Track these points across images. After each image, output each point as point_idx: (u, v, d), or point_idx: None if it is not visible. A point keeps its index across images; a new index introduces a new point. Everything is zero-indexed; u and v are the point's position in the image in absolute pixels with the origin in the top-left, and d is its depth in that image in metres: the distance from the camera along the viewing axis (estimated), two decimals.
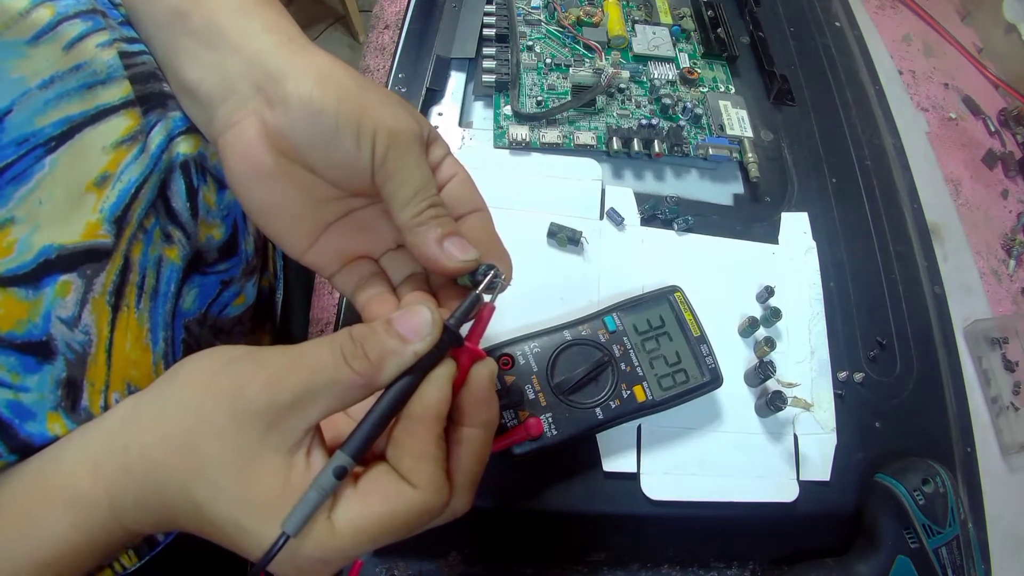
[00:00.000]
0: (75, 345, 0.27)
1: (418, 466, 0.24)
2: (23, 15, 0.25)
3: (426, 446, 0.24)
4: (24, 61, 0.25)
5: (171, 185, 0.32)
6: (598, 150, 0.50)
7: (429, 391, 0.25)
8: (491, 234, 0.31)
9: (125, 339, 0.30)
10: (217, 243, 0.37)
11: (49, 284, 0.26)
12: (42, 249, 0.26)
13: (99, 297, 0.28)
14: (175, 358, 0.34)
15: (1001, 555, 0.43)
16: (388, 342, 0.24)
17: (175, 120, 0.32)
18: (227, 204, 0.37)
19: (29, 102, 0.25)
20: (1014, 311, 0.55)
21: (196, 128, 0.33)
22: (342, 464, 0.23)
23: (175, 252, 0.33)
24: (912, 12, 0.72)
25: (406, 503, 0.23)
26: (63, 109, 0.27)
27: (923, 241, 0.53)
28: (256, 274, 0.43)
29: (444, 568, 0.39)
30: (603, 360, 0.38)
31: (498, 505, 0.38)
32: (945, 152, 0.62)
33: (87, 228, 0.27)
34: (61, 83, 0.27)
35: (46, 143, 0.26)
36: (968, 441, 0.46)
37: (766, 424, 0.42)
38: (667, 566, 0.41)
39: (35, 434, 0.26)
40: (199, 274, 0.36)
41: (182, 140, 0.33)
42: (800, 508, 0.40)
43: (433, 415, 0.25)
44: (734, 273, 0.46)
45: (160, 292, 0.32)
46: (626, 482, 0.39)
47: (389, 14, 0.57)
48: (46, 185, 0.26)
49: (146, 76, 0.31)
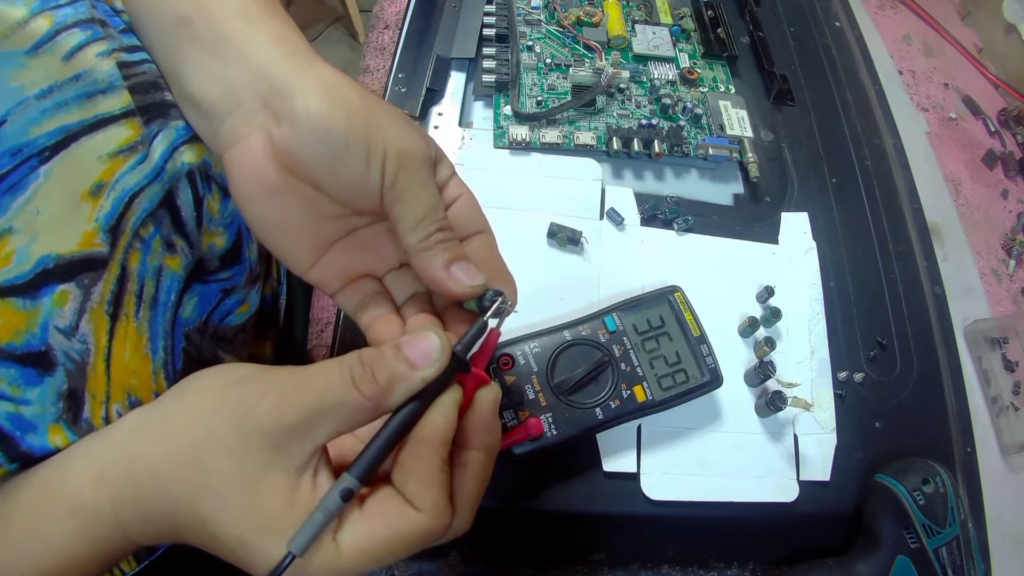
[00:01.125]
0: (74, 355, 0.27)
1: (423, 490, 0.24)
2: (21, 25, 0.25)
3: (431, 471, 0.24)
4: (23, 71, 0.25)
5: (179, 195, 0.32)
6: (598, 150, 0.50)
7: (436, 417, 0.25)
8: (496, 257, 0.31)
9: (124, 348, 0.30)
10: (219, 251, 0.37)
11: (47, 294, 0.26)
12: (40, 259, 0.26)
13: (97, 307, 0.28)
14: (175, 367, 0.34)
15: (1001, 555, 0.43)
16: (397, 367, 0.25)
17: (178, 129, 0.32)
18: (231, 212, 0.37)
19: (25, 112, 0.25)
20: (1014, 311, 0.55)
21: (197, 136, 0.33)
22: (348, 486, 0.23)
23: (177, 261, 0.33)
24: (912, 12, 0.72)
25: (411, 526, 0.24)
26: (60, 119, 0.27)
27: (923, 241, 0.53)
28: (260, 281, 0.43)
29: (444, 568, 0.39)
30: (603, 360, 0.38)
31: (498, 505, 0.38)
32: (945, 152, 0.62)
33: (84, 237, 0.27)
34: (60, 93, 0.27)
35: (40, 153, 0.26)
36: (968, 441, 0.46)
37: (766, 424, 0.42)
38: (667, 566, 0.41)
39: (36, 446, 0.26)
40: (199, 283, 0.36)
41: (186, 149, 0.33)
42: (800, 508, 0.40)
43: (439, 440, 0.25)
44: (734, 273, 0.46)
45: (160, 301, 0.32)
46: (626, 482, 0.39)
47: (389, 14, 0.57)
48: (42, 195, 0.26)
49: (147, 86, 0.31)
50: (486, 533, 0.39)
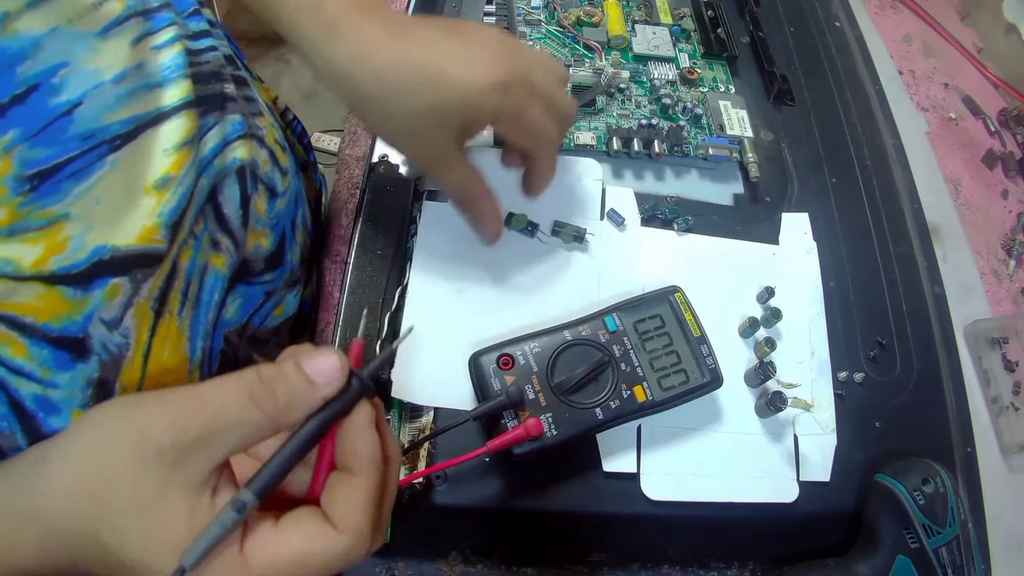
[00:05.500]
0: (111, 347, 0.27)
1: (347, 512, 0.24)
2: (95, 7, 0.25)
3: (356, 494, 0.24)
4: (95, 55, 0.25)
5: (223, 190, 0.32)
6: (598, 150, 0.50)
7: (357, 438, 0.25)
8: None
9: (164, 346, 0.29)
10: (265, 252, 0.37)
11: (100, 286, 0.26)
12: (95, 249, 0.25)
13: (143, 302, 0.28)
14: (211, 368, 0.33)
15: (1001, 555, 0.43)
16: (297, 384, 0.24)
17: (233, 123, 0.32)
18: (276, 213, 0.37)
19: (101, 96, 0.25)
20: (1014, 311, 0.55)
21: (251, 134, 0.33)
22: (243, 499, 0.23)
23: (222, 260, 0.33)
24: (912, 12, 0.72)
25: (326, 545, 0.23)
26: (132, 107, 0.26)
27: (923, 241, 0.53)
28: (299, 285, 0.42)
29: (444, 568, 0.39)
30: (603, 360, 0.38)
31: (498, 505, 0.38)
32: (945, 152, 0.62)
33: (143, 232, 0.27)
34: (132, 79, 0.26)
35: (111, 141, 0.25)
36: (968, 441, 0.46)
37: (766, 424, 0.42)
38: (667, 566, 0.41)
39: (57, 429, 0.26)
40: (244, 284, 0.36)
41: (239, 145, 0.32)
42: (800, 508, 0.40)
43: (366, 464, 0.25)
44: (734, 273, 0.46)
45: (203, 300, 0.32)
46: (626, 482, 0.39)
47: None
48: (105, 184, 0.25)
49: (208, 76, 0.31)
50: (486, 533, 0.39)
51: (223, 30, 0.37)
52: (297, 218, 0.42)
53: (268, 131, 0.39)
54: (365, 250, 0.43)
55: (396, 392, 0.38)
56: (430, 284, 0.42)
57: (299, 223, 0.43)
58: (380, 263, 0.42)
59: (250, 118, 0.36)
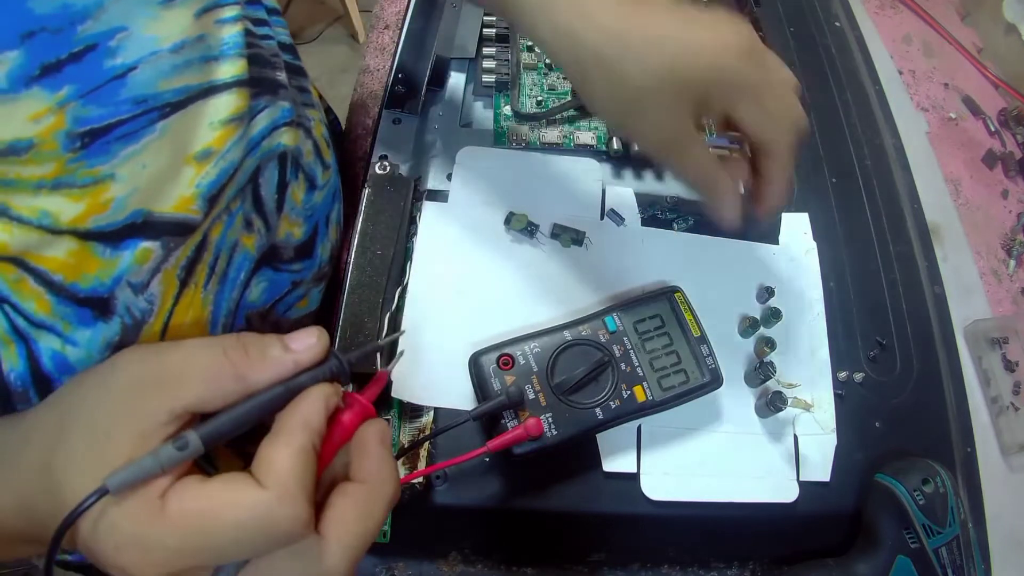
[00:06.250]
0: (135, 311, 0.27)
1: (271, 468, 0.23)
2: None
3: (283, 449, 0.23)
4: (155, 22, 0.25)
5: (263, 173, 0.32)
6: (598, 150, 0.50)
7: (300, 401, 0.25)
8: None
9: (185, 316, 0.30)
10: (296, 242, 0.37)
11: (130, 247, 0.26)
12: (133, 212, 0.26)
13: (171, 268, 0.28)
14: None
15: (1001, 555, 0.43)
16: (271, 346, 0.25)
17: (283, 110, 0.32)
18: (312, 205, 0.37)
19: (157, 63, 0.25)
20: (1014, 311, 0.55)
21: (299, 122, 0.33)
22: (186, 438, 0.23)
23: (251, 240, 0.33)
24: (912, 12, 0.72)
25: (246, 500, 0.22)
26: (185, 77, 0.26)
27: (923, 241, 0.53)
28: (325, 281, 0.42)
29: (444, 568, 0.39)
30: (603, 360, 0.38)
31: (498, 505, 0.38)
32: (945, 152, 0.62)
33: (179, 201, 0.27)
34: (189, 50, 0.26)
35: (162, 108, 0.26)
36: (968, 441, 0.46)
37: (766, 424, 0.42)
38: (667, 566, 0.41)
39: None
40: (272, 269, 0.36)
41: (286, 131, 0.33)
42: (800, 508, 0.40)
43: (297, 422, 0.24)
44: (734, 273, 0.46)
45: (229, 277, 0.32)
46: (626, 482, 0.39)
47: (389, 14, 0.57)
48: (152, 150, 0.26)
49: (263, 60, 0.31)
50: (486, 533, 0.39)
51: (281, 19, 0.37)
52: (332, 214, 0.43)
53: (316, 124, 0.39)
54: (365, 250, 0.43)
55: (396, 392, 0.38)
56: (430, 284, 0.42)
57: (333, 219, 0.43)
58: (380, 263, 0.42)
59: (300, 108, 0.36)
